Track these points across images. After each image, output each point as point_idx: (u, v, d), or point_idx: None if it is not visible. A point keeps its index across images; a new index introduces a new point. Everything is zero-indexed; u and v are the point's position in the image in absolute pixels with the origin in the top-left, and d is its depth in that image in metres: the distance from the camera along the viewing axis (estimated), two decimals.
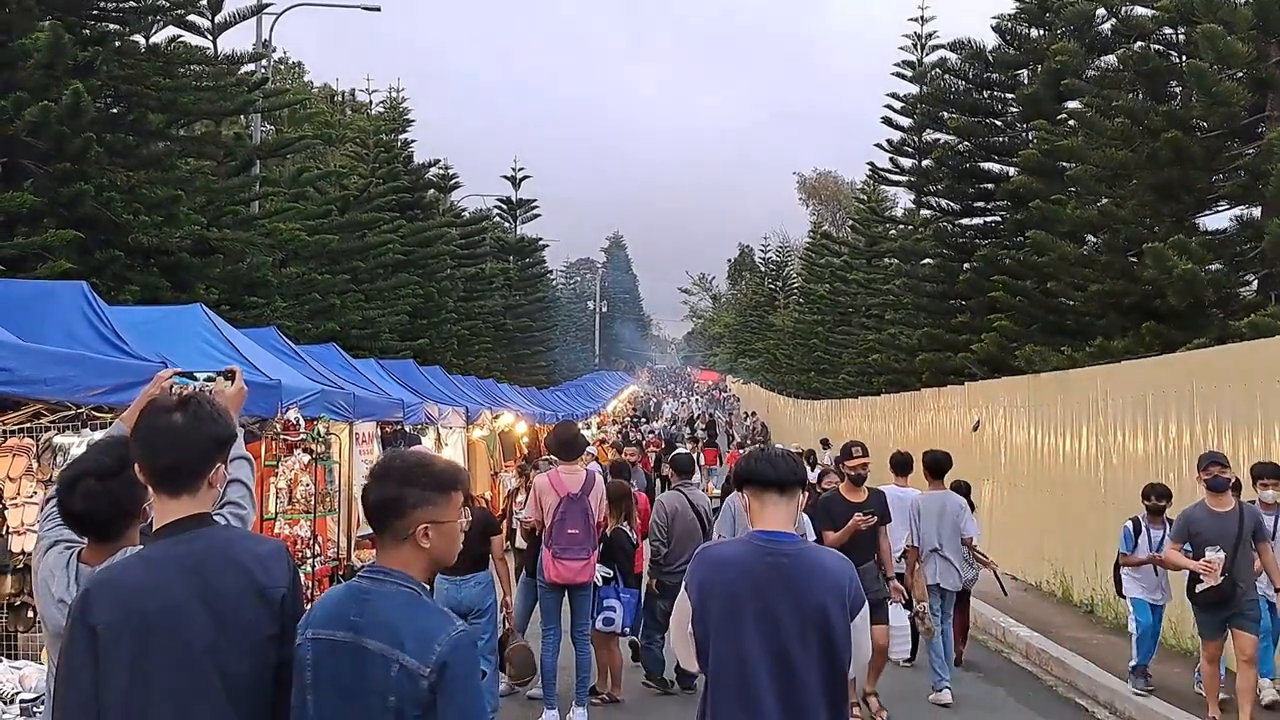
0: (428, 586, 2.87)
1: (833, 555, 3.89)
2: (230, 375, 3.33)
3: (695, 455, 23.93)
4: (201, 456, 2.69)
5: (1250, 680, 7.45)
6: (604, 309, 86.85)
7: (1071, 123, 18.18)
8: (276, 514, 8.50)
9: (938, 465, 9.23)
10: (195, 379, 3.26)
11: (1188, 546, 7.76)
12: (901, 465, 10.24)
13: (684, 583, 3.76)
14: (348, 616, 2.67)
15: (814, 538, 8.07)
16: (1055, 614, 12.66)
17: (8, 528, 6.55)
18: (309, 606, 2.75)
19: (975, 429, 17.85)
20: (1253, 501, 7.99)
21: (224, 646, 2.58)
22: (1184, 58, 14.80)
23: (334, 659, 2.64)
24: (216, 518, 2.92)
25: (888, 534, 8.51)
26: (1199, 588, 7.56)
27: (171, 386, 3.24)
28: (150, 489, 2.73)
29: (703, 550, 3.87)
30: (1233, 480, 7.79)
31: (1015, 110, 22.09)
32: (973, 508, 10.18)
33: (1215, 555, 7.38)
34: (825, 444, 24.96)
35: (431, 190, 35.26)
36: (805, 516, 8.42)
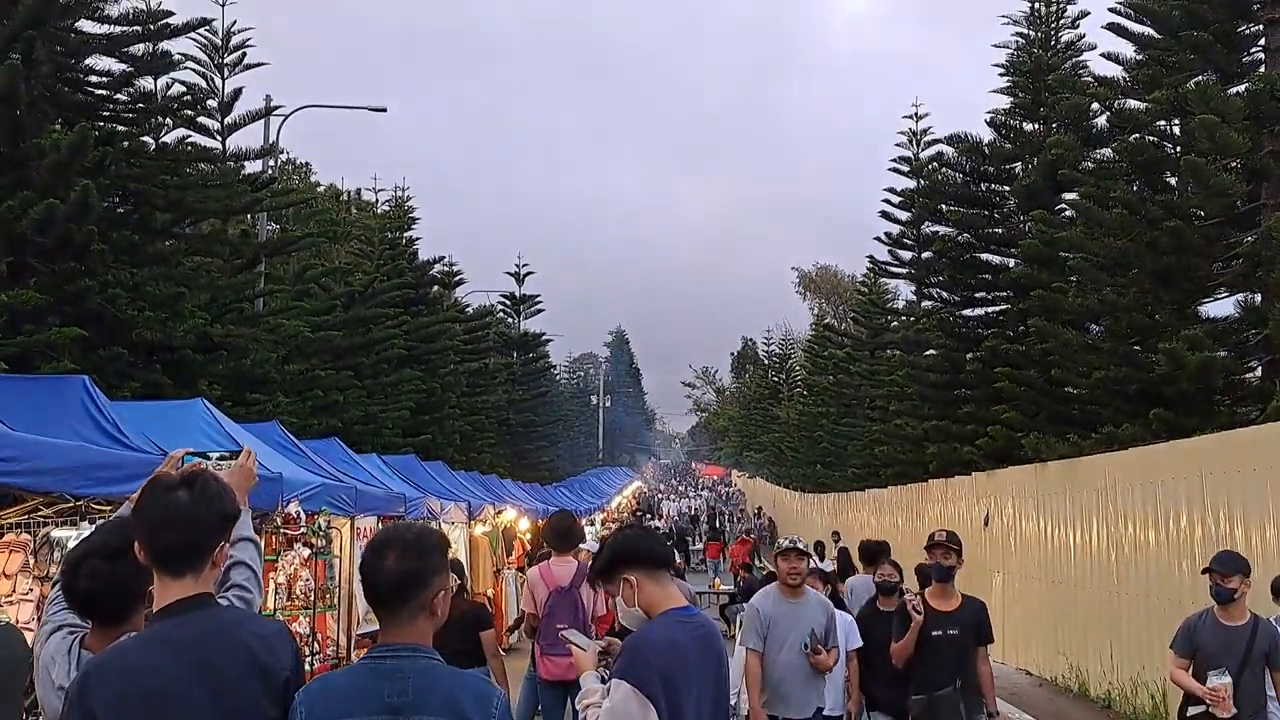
0: None
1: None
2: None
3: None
4: (207, 535, 2.64)
5: None
6: (607, 404, 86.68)
7: (1069, 213, 18.35)
8: (275, 610, 8.35)
9: (870, 552, 10.55)
10: (209, 458, 3.23)
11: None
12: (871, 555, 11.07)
13: (627, 683, 3.41)
14: (382, 698, 2.60)
15: (852, 644, 7.29)
16: (1073, 710, 12.38)
17: None
18: (301, 691, 2.64)
19: (985, 525, 17.67)
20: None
21: None
22: (1179, 149, 15.00)
23: None
24: (220, 600, 2.86)
25: (983, 652, 6.83)
26: (1191, 711, 6.37)
27: (182, 463, 3.20)
28: (152, 569, 2.65)
29: (641, 644, 3.52)
30: (1243, 590, 6.40)
31: (1013, 202, 22.32)
32: None
33: (1220, 681, 6.16)
34: (836, 537, 24.68)
35: (435, 286, 35.52)
36: (846, 617, 7.61)
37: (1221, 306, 15.81)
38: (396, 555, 2.69)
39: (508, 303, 46.99)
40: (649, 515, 53.25)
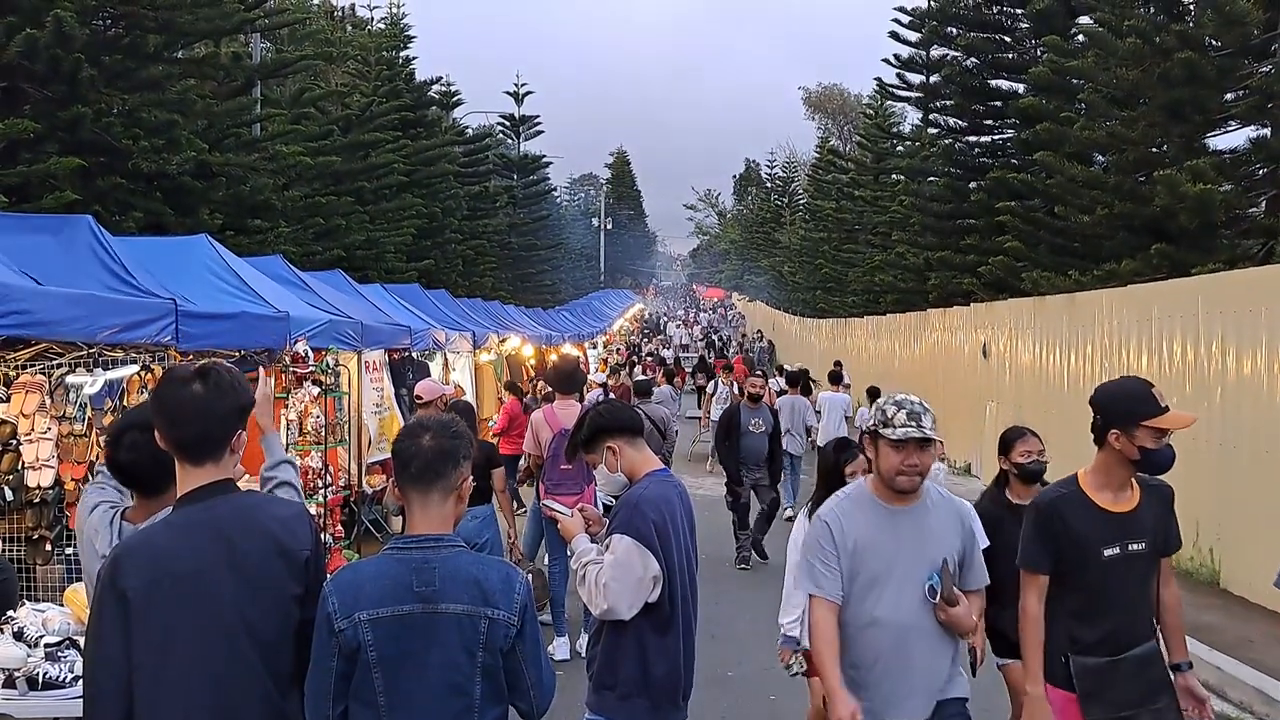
0: None
1: None
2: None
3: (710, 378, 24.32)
4: (223, 426, 2.74)
5: None
6: (608, 226, 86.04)
7: (1081, 38, 17.90)
8: (288, 445, 8.59)
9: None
10: None
11: None
12: (834, 376, 18.31)
13: (629, 537, 3.70)
14: (410, 589, 2.72)
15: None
16: None
17: (23, 463, 6.63)
18: (330, 581, 2.78)
19: (984, 356, 17.96)
20: None
21: (251, 607, 2.65)
22: None
23: (402, 633, 2.70)
24: None
25: (1167, 569, 4.18)
26: None
27: None
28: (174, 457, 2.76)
29: (640, 501, 3.80)
30: None
31: (1025, 26, 21.71)
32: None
33: None
34: (838, 365, 24.81)
35: (434, 108, 34.84)
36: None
37: (1231, 139, 15.60)
38: (432, 434, 2.82)
39: (507, 124, 46.20)
40: (655, 333, 53.74)
